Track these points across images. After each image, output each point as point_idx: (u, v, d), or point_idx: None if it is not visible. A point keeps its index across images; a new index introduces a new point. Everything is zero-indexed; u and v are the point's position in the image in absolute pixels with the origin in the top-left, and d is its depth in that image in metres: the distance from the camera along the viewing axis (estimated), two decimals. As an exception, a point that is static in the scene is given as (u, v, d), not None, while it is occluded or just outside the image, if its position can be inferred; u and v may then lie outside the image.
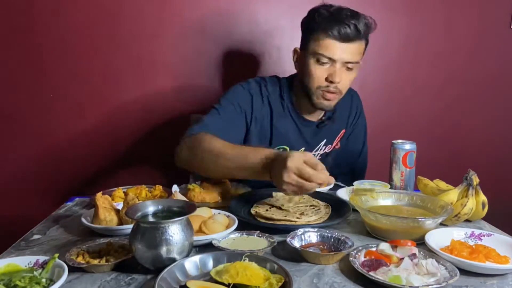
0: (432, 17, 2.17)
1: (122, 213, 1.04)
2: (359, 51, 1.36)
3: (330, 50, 1.32)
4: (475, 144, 2.31)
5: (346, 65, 1.35)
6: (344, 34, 1.30)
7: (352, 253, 0.88)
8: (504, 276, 0.85)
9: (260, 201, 1.22)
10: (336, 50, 1.32)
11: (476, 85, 2.27)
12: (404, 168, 1.34)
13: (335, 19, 1.30)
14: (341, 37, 1.30)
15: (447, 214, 1.03)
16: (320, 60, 1.35)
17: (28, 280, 0.76)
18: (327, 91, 1.37)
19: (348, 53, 1.33)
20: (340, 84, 1.37)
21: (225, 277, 0.77)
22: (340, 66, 1.35)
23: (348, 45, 1.32)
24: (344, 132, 1.62)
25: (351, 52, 1.34)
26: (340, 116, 1.60)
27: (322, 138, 1.56)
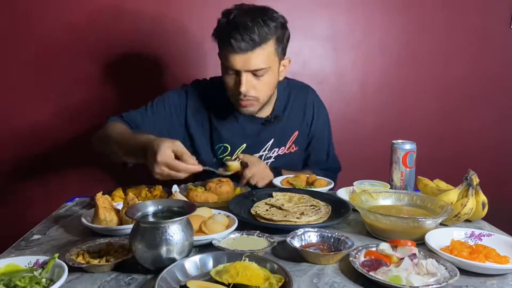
0: (432, 18, 2.17)
1: (122, 213, 1.04)
2: (264, 57, 1.32)
3: (230, 61, 1.31)
4: (475, 144, 2.31)
5: (254, 73, 1.33)
6: (240, 46, 1.27)
7: (352, 253, 0.87)
8: (504, 276, 0.85)
9: (260, 201, 1.22)
10: (235, 61, 1.30)
11: (476, 85, 2.28)
12: (404, 168, 1.34)
13: (229, 31, 1.28)
14: (238, 48, 1.28)
15: (447, 214, 1.03)
16: (226, 71, 1.35)
17: (28, 280, 0.76)
18: (240, 100, 1.38)
19: (250, 62, 1.30)
20: (253, 92, 1.36)
21: (225, 277, 0.77)
22: (246, 75, 1.33)
23: (246, 55, 1.29)
24: (297, 133, 1.58)
25: (253, 61, 1.30)
26: (292, 117, 1.57)
27: (269, 137, 1.54)
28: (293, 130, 1.58)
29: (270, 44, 1.32)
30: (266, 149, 1.54)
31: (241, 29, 1.26)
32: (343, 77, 2.19)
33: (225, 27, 1.30)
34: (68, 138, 2.02)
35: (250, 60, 1.30)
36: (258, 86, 1.36)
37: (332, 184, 1.40)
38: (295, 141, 1.59)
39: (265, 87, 1.38)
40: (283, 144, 1.57)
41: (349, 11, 2.13)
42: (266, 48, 1.32)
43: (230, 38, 1.27)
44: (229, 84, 1.37)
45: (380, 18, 2.15)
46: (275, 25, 1.32)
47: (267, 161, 1.55)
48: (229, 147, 1.51)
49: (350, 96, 2.21)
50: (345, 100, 2.18)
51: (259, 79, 1.35)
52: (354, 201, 1.10)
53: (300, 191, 1.31)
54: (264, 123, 1.53)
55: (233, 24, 1.28)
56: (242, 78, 1.32)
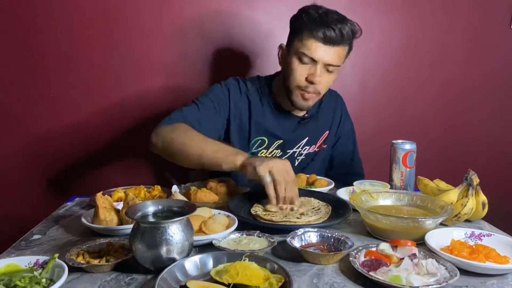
0: (431, 18, 2.17)
1: (122, 213, 1.04)
2: (341, 55, 1.39)
3: (312, 50, 1.35)
4: (475, 144, 2.31)
5: (327, 68, 1.38)
6: (329, 37, 1.33)
7: (352, 253, 0.88)
8: (504, 276, 0.85)
9: (260, 201, 1.22)
10: (318, 51, 1.35)
11: (476, 85, 2.27)
12: (404, 168, 1.34)
13: (322, 21, 1.33)
14: (325, 39, 1.33)
15: (447, 214, 1.03)
16: (302, 59, 1.37)
17: (28, 280, 0.76)
18: (306, 91, 1.41)
19: (330, 55, 1.36)
20: (319, 86, 1.40)
21: (225, 277, 0.77)
22: (321, 67, 1.37)
23: (331, 48, 1.35)
24: (328, 133, 1.65)
25: (333, 55, 1.36)
26: (324, 117, 1.63)
27: (304, 135, 1.59)
28: (324, 130, 1.64)
29: (347, 47, 1.40)
30: (300, 147, 1.59)
31: (336, 22, 1.33)
32: (343, 78, 2.18)
33: (317, 16, 1.34)
34: (68, 138, 2.02)
35: (331, 53, 1.36)
36: (325, 81, 1.41)
37: (332, 184, 1.40)
38: (324, 140, 1.65)
39: (328, 84, 1.44)
40: (314, 143, 1.62)
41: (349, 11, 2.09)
42: (344, 48, 1.39)
43: (324, 28, 1.31)
44: (300, 73, 1.39)
45: (379, 18, 2.15)
46: (354, 30, 1.39)
47: (299, 157, 1.60)
48: (267, 141, 1.54)
49: (350, 96, 2.19)
50: (345, 100, 2.17)
51: (328, 75, 1.40)
52: (354, 201, 1.10)
53: (300, 191, 1.30)
54: (300, 121, 1.58)
55: (325, 16, 1.34)
56: (317, 68, 1.36)
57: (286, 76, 1.44)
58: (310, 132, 1.60)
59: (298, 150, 1.59)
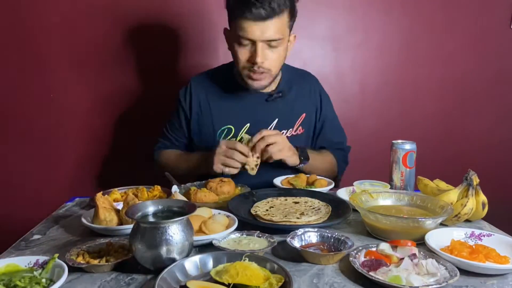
0: (431, 18, 2.17)
1: (122, 213, 1.04)
2: (279, 27, 1.34)
3: (246, 31, 1.32)
4: (475, 144, 2.31)
5: (269, 43, 1.35)
6: (259, 14, 1.29)
7: (352, 253, 0.88)
8: (504, 276, 0.85)
9: (261, 201, 1.22)
10: (252, 30, 1.31)
11: (476, 86, 2.28)
12: (404, 168, 1.34)
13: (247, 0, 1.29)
14: (255, 17, 1.30)
15: (447, 214, 1.03)
16: (241, 41, 1.35)
17: (28, 280, 0.76)
18: (252, 72, 1.39)
19: (267, 31, 1.32)
20: (266, 63, 1.37)
21: (225, 277, 0.77)
22: (262, 45, 1.34)
23: (264, 24, 1.31)
24: (304, 115, 1.60)
25: (270, 30, 1.32)
26: (298, 99, 1.59)
27: (273, 116, 1.55)
28: (300, 112, 1.59)
29: (285, 15, 1.35)
30: (272, 129, 1.54)
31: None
32: (343, 78, 2.19)
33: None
34: (67, 139, 2.02)
35: (267, 29, 1.32)
36: (272, 58, 1.38)
37: (332, 184, 1.40)
38: (302, 123, 1.60)
39: (278, 59, 1.41)
40: (290, 126, 1.57)
41: (349, 12, 2.13)
42: (282, 18, 1.34)
43: (250, 6, 1.28)
44: (242, 56, 1.38)
45: (379, 19, 2.15)
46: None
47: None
48: (233, 128, 1.52)
49: (350, 96, 2.21)
50: (345, 100, 2.18)
51: (272, 51, 1.37)
52: (354, 201, 1.10)
53: (300, 191, 1.31)
54: (267, 99, 1.54)
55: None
56: (258, 48, 1.34)
57: (233, 59, 1.44)
58: (281, 113, 1.55)
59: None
